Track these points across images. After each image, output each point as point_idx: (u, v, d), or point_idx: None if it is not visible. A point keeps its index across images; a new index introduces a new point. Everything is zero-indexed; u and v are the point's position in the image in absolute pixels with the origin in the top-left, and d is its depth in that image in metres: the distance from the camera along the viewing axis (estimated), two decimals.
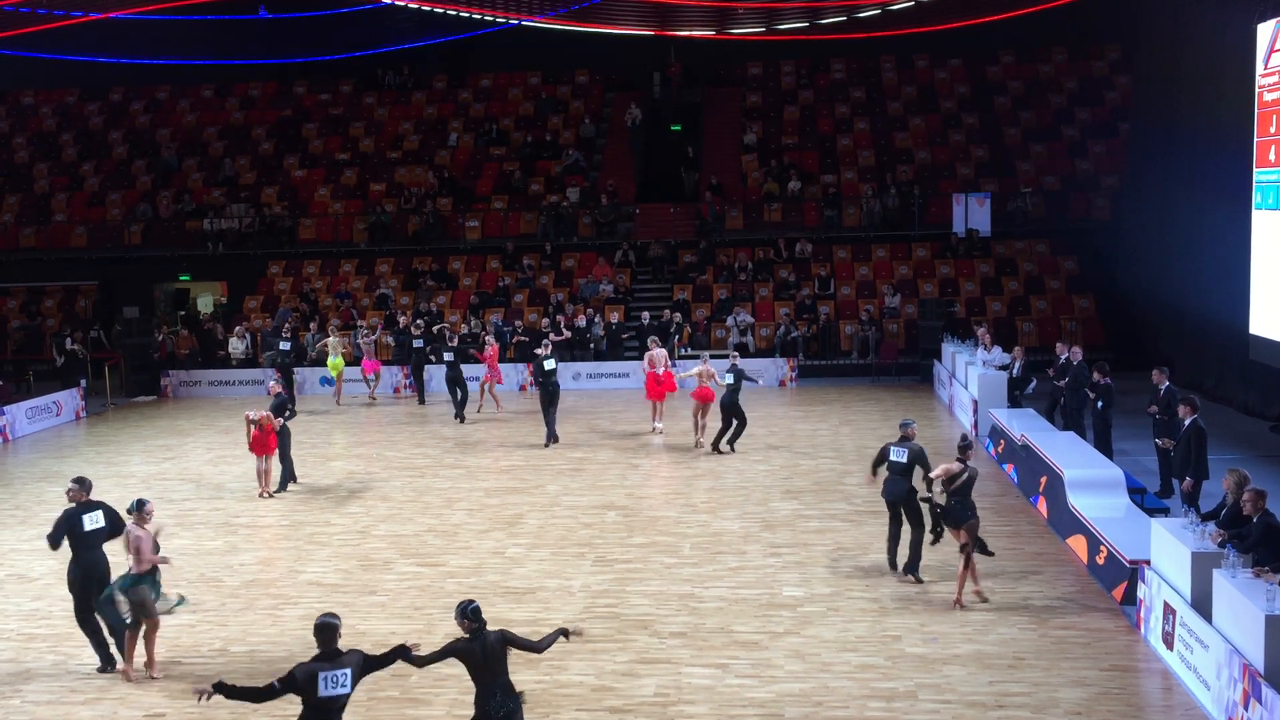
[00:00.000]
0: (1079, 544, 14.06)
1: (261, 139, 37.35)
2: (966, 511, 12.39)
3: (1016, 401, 20.64)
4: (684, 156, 35.07)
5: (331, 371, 26.49)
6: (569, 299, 30.53)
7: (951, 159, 33.68)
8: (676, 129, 36.61)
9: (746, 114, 36.28)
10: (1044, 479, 15.97)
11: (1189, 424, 14.70)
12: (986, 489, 15.98)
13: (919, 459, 13.28)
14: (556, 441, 21.19)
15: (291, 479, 18.48)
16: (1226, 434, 19.44)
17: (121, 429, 24.50)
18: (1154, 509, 14.66)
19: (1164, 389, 16.19)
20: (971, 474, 12.50)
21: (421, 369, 26.76)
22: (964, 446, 12.77)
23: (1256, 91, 17.98)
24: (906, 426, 13.65)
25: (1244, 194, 19.05)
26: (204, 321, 31.64)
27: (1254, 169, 18.15)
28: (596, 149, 35.99)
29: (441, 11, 30.44)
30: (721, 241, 32.51)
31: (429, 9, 30.21)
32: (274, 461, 18.12)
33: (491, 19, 31.50)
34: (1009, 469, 18.15)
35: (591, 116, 36.84)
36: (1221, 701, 9.68)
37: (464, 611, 8.24)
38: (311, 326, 29.28)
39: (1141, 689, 10.57)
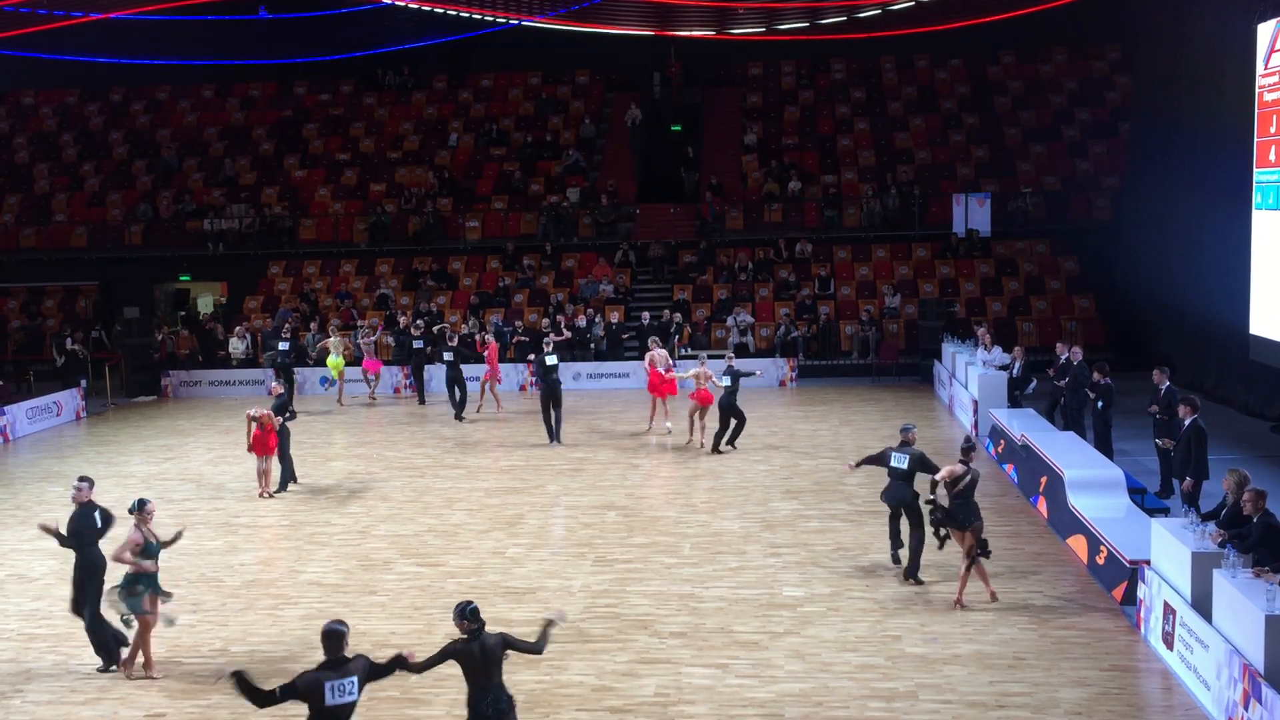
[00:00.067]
0: (1079, 544, 14.06)
1: (262, 139, 37.35)
2: (971, 514, 12.39)
3: (1017, 402, 20.64)
4: (684, 156, 35.07)
5: (332, 372, 26.49)
6: (569, 299, 30.53)
7: (952, 159, 33.68)
8: (676, 129, 36.60)
9: (747, 114, 36.27)
10: (1044, 479, 15.98)
11: (1189, 424, 14.70)
12: (987, 489, 15.94)
13: (921, 464, 13.30)
14: (559, 442, 21.20)
15: (291, 479, 18.49)
16: (1227, 434, 19.44)
17: (122, 429, 24.51)
18: (1154, 509, 14.67)
19: (1164, 389, 16.20)
20: (974, 476, 12.50)
21: (421, 369, 26.80)
22: (967, 448, 12.76)
23: (1256, 91, 17.98)
24: (907, 432, 13.65)
25: (1244, 194, 19.06)
26: (204, 322, 31.64)
27: (1254, 169, 18.17)
28: (596, 149, 35.99)
29: (441, 12, 30.45)
30: (722, 242, 32.51)
31: (429, 9, 30.21)
32: (274, 462, 18.13)
33: (491, 19, 31.51)
34: (1009, 469, 18.15)
35: (591, 117, 36.84)
36: (1221, 701, 9.68)
37: (463, 612, 8.21)
38: (312, 327, 29.29)
39: (1142, 689, 10.57)
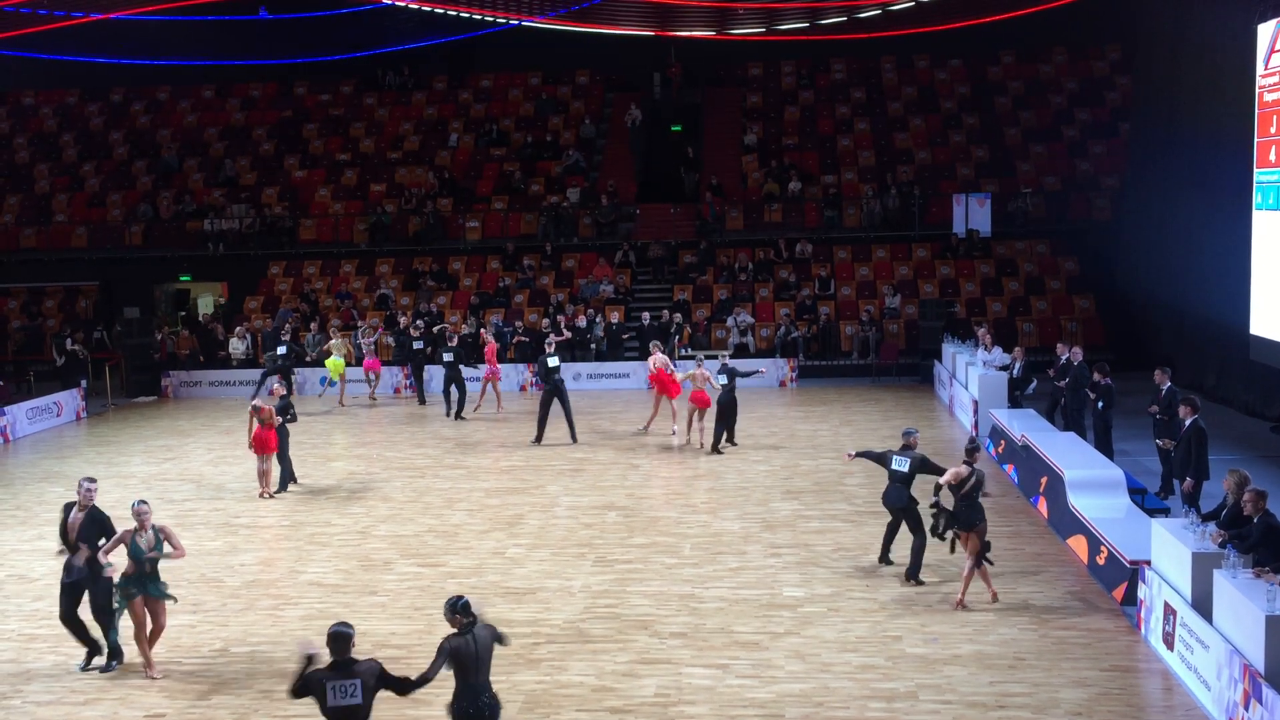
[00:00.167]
0: (1079, 544, 14.06)
1: (262, 139, 37.35)
2: (975, 515, 12.40)
3: (1017, 402, 20.64)
4: (684, 157, 35.06)
5: (333, 374, 26.43)
6: (569, 299, 30.53)
7: (952, 159, 33.68)
8: (677, 129, 36.60)
9: (747, 114, 36.27)
10: (1044, 479, 15.97)
11: (1189, 424, 14.70)
12: (987, 489, 15.94)
13: (923, 467, 13.31)
14: (574, 441, 21.20)
15: (291, 479, 18.48)
16: (1227, 434, 19.44)
17: (122, 429, 24.51)
18: (1154, 509, 14.67)
19: (1165, 389, 16.20)
20: (979, 477, 12.51)
21: (421, 369, 26.81)
22: (971, 449, 12.76)
23: (1257, 92, 17.98)
24: (909, 436, 13.65)
25: (1244, 194, 19.05)
26: (205, 322, 31.64)
27: (1254, 169, 18.16)
28: (597, 149, 35.99)
29: (442, 12, 30.45)
30: (722, 242, 32.50)
31: (429, 9, 30.21)
32: (274, 462, 18.12)
33: (492, 19, 31.51)
34: (1009, 469, 18.15)
35: (592, 117, 36.84)
36: (1222, 702, 9.67)
37: (454, 607, 8.13)
38: (312, 327, 29.29)
39: (1142, 689, 10.57)
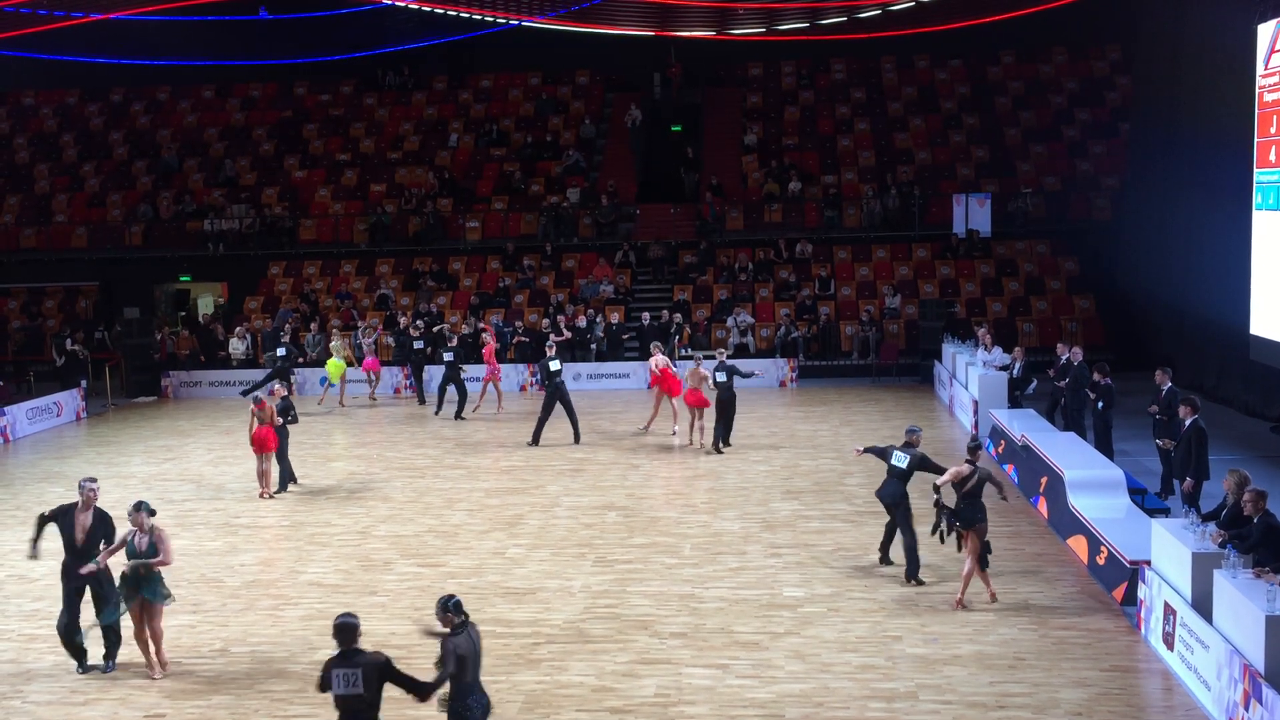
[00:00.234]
0: (1079, 544, 14.06)
1: (262, 140, 37.35)
2: (977, 513, 12.40)
3: (1017, 402, 20.65)
4: (684, 157, 35.06)
5: (332, 376, 26.38)
6: (569, 299, 30.52)
7: (952, 159, 33.68)
8: (677, 129, 36.60)
9: (747, 114, 36.27)
10: (1044, 479, 15.97)
11: (1189, 424, 14.70)
12: (986, 490, 15.93)
13: (922, 465, 13.31)
14: (579, 442, 21.21)
15: (291, 480, 18.48)
16: (1227, 434, 19.44)
17: (122, 430, 24.51)
18: (1154, 509, 14.67)
19: (1166, 389, 16.20)
20: (981, 475, 12.52)
21: (421, 369, 26.80)
22: (973, 448, 12.78)
23: (1256, 92, 17.98)
24: (912, 434, 13.67)
25: (1244, 194, 19.06)
26: (205, 322, 31.64)
27: (1254, 169, 18.17)
28: (597, 149, 35.99)
29: (442, 12, 30.44)
30: (722, 242, 32.50)
31: (429, 9, 30.21)
32: (274, 462, 18.12)
33: (491, 19, 31.50)
34: (1009, 469, 18.15)
35: (592, 117, 36.84)
36: (1222, 702, 9.67)
37: (445, 606, 8.13)
38: (312, 327, 29.29)
39: (1142, 689, 10.57)
